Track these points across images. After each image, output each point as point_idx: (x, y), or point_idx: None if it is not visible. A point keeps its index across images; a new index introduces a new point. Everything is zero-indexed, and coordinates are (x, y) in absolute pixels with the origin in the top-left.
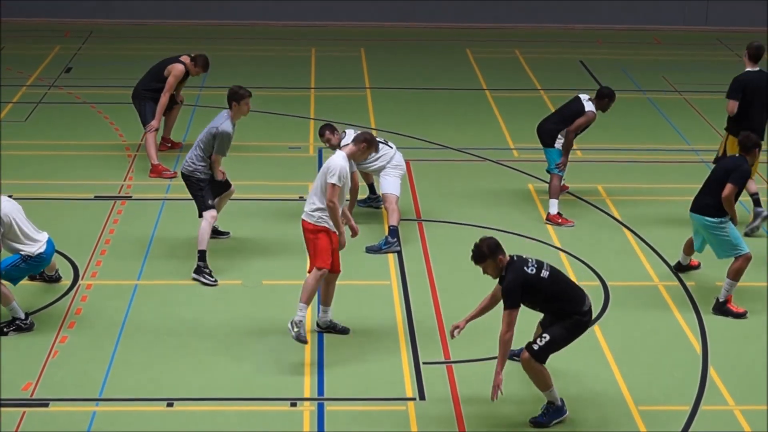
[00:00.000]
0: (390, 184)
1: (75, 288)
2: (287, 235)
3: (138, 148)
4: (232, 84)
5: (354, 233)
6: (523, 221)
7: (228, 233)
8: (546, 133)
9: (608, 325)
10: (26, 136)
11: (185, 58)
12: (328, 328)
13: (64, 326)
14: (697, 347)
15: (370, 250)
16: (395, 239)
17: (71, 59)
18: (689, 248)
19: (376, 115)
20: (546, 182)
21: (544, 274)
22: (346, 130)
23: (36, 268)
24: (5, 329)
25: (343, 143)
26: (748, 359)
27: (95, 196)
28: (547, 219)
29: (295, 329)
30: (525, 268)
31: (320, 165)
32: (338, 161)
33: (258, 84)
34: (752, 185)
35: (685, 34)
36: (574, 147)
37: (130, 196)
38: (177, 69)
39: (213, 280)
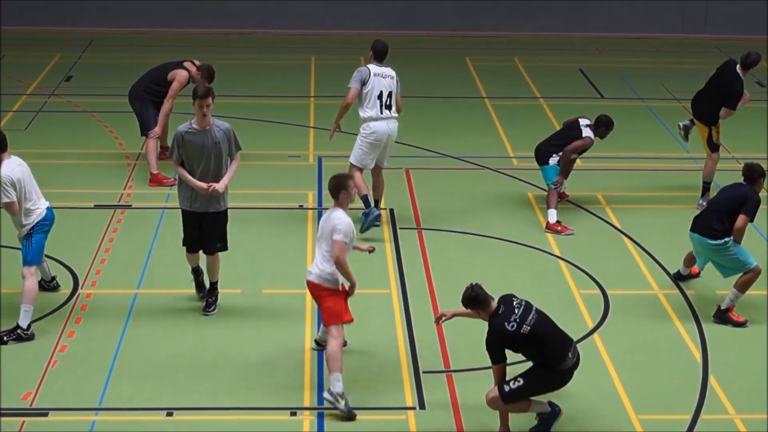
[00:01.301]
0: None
1: (74, 297)
2: (287, 244)
3: (138, 157)
4: (231, 92)
5: (371, 250)
6: (522, 229)
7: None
8: (541, 154)
9: (608, 333)
10: (26, 144)
11: (189, 65)
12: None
13: (64, 335)
14: (697, 356)
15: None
16: (368, 208)
17: (71, 67)
18: (690, 261)
19: None
20: (545, 190)
21: (525, 329)
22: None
23: (44, 232)
24: (5, 338)
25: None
26: (748, 368)
27: (95, 205)
28: (546, 228)
29: (341, 402)
30: (506, 324)
31: (320, 174)
32: (344, 218)
33: (257, 92)
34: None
35: (684, 41)
36: (573, 155)
37: (130, 205)
38: (182, 76)
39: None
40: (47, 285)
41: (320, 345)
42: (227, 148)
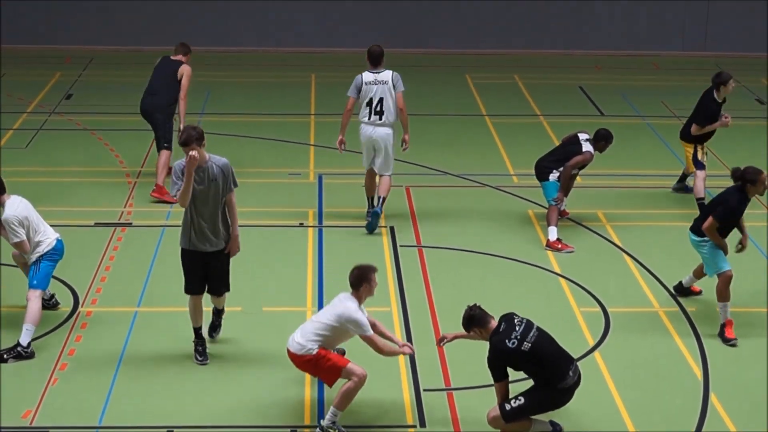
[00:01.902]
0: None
1: (75, 315)
2: (287, 262)
3: (138, 174)
4: (232, 110)
5: (410, 351)
6: (523, 247)
7: None
8: (541, 170)
9: (609, 350)
10: (27, 162)
11: (181, 57)
12: None
13: (64, 353)
14: (698, 372)
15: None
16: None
17: (72, 85)
18: (700, 272)
19: None
20: (545, 208)
21: (526, 346)
22: None
23: (53, 261)
24: (5, 356)
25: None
26: (749, 384)
27: (95, 223)
28: (546, 245)
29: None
30: (506, 341)
31: (320, 191)
32: (359, 314)
33: (258, 110)
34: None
35: (683, 59)
36: (574, 171)
37: (131, 223)
38: (189, 70)
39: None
40: (46, 303)
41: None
42: (224, 184)
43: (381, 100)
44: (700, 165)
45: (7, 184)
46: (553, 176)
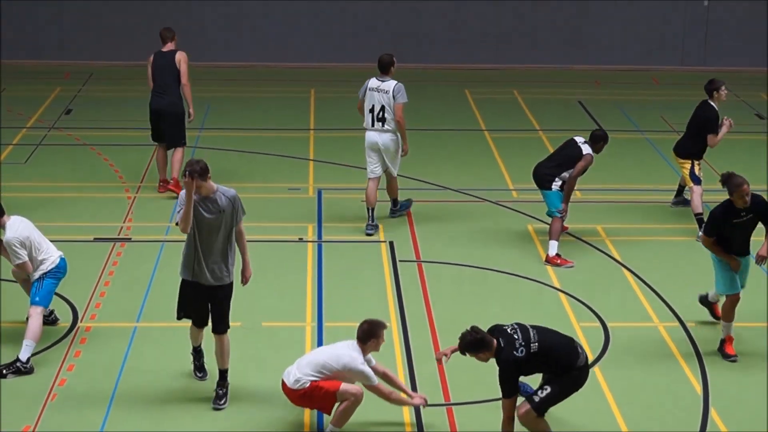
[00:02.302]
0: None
1: (74, 330)
2: (287, 277)
3: (138, 189)
4: (231, 125)
5: (422, 402)
6: (522, 262)
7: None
8: (542, 177)
9: (609, 366)
10: (26, 177)
11: (171, 45)
12: None
13: (63, 369)
14: (698, 388)
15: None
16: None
17: (71, 101)
18: None
19: None
20: (546, 223)
21: (533, 347)
22: None
23: (56, 278)
24: (4, 371)
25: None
26: (749, 401)
27: (94, 238)
28: (546, 260)
29: None
30: (514, 353)
31: (319, 206)
32: (363, 366)
33: (257, 125)
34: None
35: (683, 74)
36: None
37: (130, 238)
38: (184, 55)
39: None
40: (46, 319)
41: None
42: (232, 215)
43: (382, 108)
44: (697, 180)
45: (7, 199)
46: (556, 185)
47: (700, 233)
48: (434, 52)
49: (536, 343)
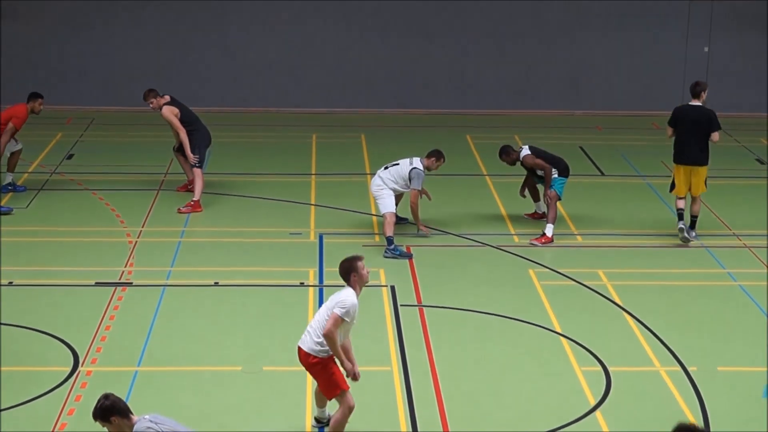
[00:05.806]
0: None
1: (75, 374)
2: (288, 321)
3: (139, 234)
4: (233, 170)
5: (355, 377)
6: (523, 306)
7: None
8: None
9: (610, 410)
10: (27, 222)
11: (153, 104)
12: (328, 421)
13: (64, 413)
14: None
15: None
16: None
17: (73, 146)
18: None
19: None
20: (548, 268)
21: None
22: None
23: None
24: None
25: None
26: None
27: (96, 283)
28: (543, 242)
29: None
30: None
31: (321, 250)
32: (352, 297)
33: (259, 170)
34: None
35: None
36: (575, 232)
37: (131, 283)
38: (165, 112)
39: None
40: None
41: (320, 422)
42: None
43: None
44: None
45: (7, 244)
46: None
47: (694, 234)
48: (435, 98)
49: None
